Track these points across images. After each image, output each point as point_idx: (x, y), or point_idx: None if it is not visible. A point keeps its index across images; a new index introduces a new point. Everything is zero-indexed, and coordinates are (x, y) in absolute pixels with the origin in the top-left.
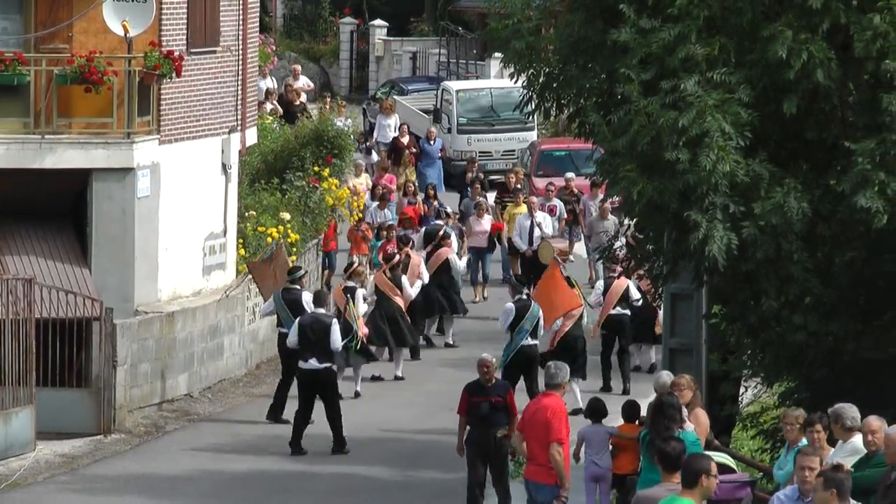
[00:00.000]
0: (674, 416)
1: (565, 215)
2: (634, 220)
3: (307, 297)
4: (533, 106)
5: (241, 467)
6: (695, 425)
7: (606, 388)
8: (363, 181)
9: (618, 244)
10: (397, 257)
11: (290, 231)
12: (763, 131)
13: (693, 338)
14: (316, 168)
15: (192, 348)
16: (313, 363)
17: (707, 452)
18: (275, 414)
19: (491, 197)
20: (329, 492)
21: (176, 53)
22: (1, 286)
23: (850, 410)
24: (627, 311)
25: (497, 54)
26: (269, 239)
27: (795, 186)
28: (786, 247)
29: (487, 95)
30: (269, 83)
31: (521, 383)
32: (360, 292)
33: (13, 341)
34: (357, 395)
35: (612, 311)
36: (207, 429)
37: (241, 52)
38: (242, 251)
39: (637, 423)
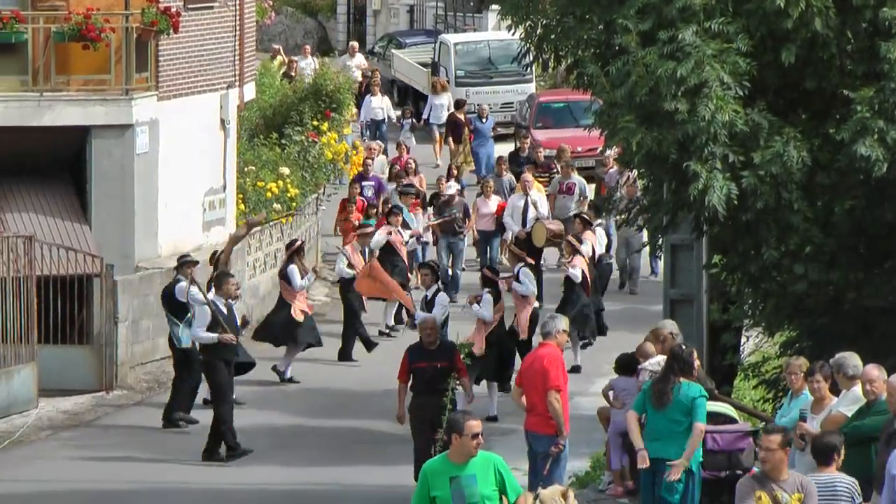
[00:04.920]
0: (683, 367)
1: (586, 194)
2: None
3: (182, 287)
4: (531, 58)
5: (244, 422)
6: None
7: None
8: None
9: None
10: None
11: (289, 186)
12: (761, 81)
13: (693, 288)
14: (315, 122)
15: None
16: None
17: (709, 402)
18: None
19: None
20: (330, 446)
21: (173, 9)
22: (1, 244)
23: (852, 359)
24: None
25: (494, 6)
26: (269, 194)
27: (795, 136)
28: (786, 196)
29: (485, 48)
30: (312, 63)
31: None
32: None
33: (14, 299)
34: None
35: None
36: None
37: (238, 6)
38: (242, 206)
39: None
